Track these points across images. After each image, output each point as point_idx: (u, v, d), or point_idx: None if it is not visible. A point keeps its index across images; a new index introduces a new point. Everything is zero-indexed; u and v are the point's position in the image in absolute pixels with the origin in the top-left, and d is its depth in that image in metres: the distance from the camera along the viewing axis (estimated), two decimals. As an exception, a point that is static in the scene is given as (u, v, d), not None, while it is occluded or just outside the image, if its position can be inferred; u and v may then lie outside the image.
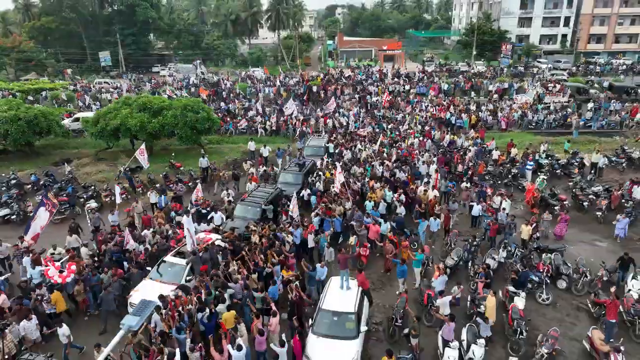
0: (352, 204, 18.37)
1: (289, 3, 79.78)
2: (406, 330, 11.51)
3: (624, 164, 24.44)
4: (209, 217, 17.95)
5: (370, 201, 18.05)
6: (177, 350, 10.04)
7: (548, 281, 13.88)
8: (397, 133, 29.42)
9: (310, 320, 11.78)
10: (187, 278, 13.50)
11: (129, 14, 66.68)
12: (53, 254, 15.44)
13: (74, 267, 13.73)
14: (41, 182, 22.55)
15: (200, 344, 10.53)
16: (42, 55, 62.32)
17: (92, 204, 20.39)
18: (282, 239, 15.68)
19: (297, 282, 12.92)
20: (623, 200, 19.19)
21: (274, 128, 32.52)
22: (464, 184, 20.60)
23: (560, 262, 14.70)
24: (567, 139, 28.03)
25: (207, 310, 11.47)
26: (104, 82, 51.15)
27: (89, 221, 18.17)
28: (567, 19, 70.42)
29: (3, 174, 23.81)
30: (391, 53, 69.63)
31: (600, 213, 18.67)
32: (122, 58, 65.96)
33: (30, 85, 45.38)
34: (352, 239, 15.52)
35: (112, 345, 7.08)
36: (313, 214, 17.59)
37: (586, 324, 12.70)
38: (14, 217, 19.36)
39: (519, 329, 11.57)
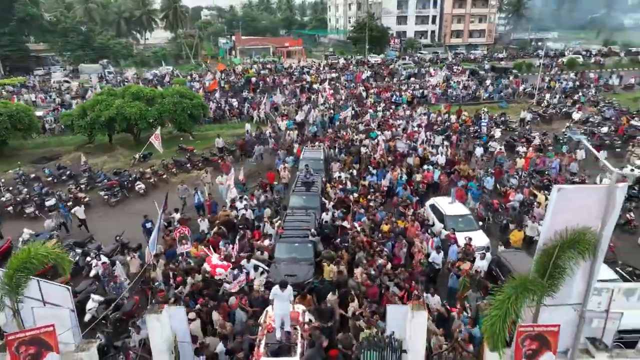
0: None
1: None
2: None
3: (538, 119, 32.77)
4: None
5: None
6: None
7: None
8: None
9: None
10: None
11: (2, 10, 58.93)
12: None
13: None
14: (68, 173, 21.64)
15: None
16: None
17: (141, 185, 20.67)
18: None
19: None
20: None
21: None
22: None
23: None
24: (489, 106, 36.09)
25: None
26: (64, 80, 48.92)
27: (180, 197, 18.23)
28: (434, 18, 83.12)
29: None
30: (292, 49, 73.97)
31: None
32: (-1, 60, 58.47)
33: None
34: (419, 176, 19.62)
35: None
36: None
37: None
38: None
39: None
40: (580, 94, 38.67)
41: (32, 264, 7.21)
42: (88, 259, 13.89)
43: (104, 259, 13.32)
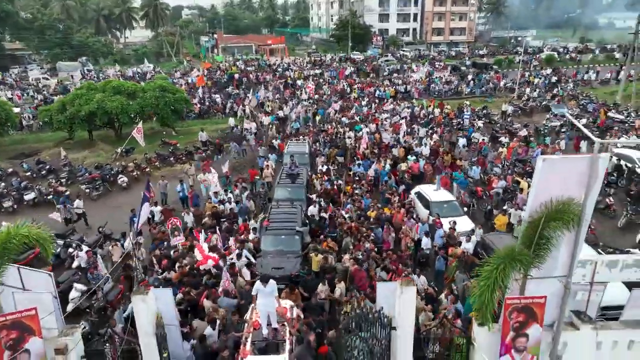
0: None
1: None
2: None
3: (518, 112, 33.36)
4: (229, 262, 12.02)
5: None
6: None
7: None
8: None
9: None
10: None
11: (-24, 7, 57.49)
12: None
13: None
14: (47, 168, 21.15)
15: None
16: None
17: (124, 178, 20.34)
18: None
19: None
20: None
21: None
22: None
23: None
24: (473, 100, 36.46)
25: None
26: (42, 77, 47.86)
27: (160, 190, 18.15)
28: (415, 15, 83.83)
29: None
30: (275, 47, 73.72)
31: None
32: (-27, 58, 56.85)
33: None
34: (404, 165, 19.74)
35: None
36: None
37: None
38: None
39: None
40: (558, 87, 39.55)
41: (12, 244, 6.98)
42: (70, 250, 13.59)
43: (86, 249, 13.04)
